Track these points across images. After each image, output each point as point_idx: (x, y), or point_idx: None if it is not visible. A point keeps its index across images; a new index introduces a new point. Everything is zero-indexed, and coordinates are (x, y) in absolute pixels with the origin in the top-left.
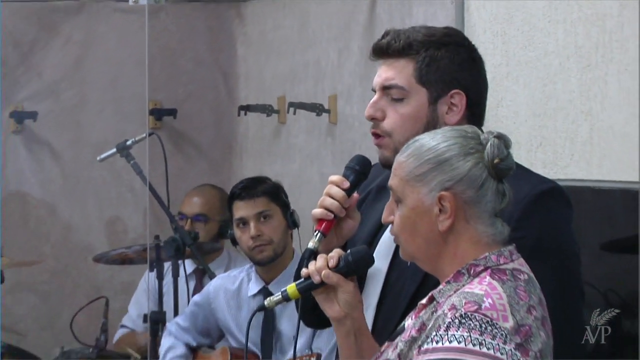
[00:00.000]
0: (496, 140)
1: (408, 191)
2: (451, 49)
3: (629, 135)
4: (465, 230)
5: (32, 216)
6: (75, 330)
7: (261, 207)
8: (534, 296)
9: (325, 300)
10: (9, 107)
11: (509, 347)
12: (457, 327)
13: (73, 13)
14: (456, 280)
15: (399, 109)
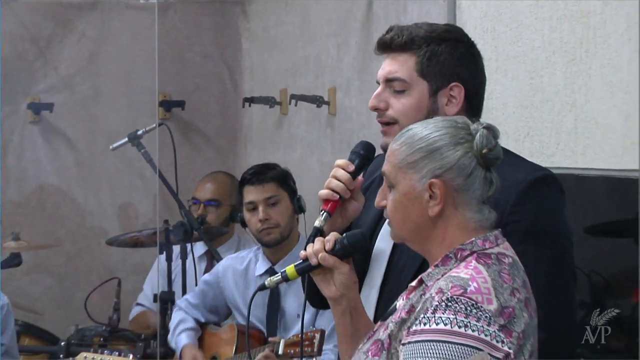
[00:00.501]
0: (485, 131)
1: (400, 177)
2: (451, 45)
3: (611, 126)
4: (454, 216)
5: (49, 202)
6: (89, 309)
7: (270, 192)
8: (518, 279)
9: (322, 281)
10: (27, 99)
11: (493, 329)
12: (444, 310)
13: (87, 10)
14: (444, 264)
15: (401, 100)
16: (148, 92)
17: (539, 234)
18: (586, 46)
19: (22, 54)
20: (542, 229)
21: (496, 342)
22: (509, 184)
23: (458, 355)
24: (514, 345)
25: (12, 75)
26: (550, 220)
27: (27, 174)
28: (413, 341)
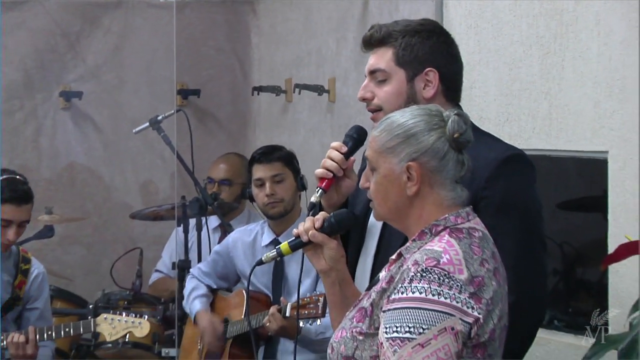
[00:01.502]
0: (456, 117)
1: (381, 161)
2: (424, 35)
3: (582, 112)
4: (430, 195)
5: (78, 180)
6: (114, 276)
7: (276, 170)
8: (487, 250)
9: (313, 255)
10: (59, 88)
11: (464, 296)
12: (419, 280)
13: (112, 8)
14: (420, 239)
15: (383, 88)
16: (167, 81)
17: (510, 206)
18: (559, 40)
19: (54, 48)
20: (513, 202)
21: (466, 308)
22: (483, 162)
23: (432, 320)
24: (483, 310)
25: (45, 66)
26: (520, 194)
27: (58, 155)
28: (392, 308)
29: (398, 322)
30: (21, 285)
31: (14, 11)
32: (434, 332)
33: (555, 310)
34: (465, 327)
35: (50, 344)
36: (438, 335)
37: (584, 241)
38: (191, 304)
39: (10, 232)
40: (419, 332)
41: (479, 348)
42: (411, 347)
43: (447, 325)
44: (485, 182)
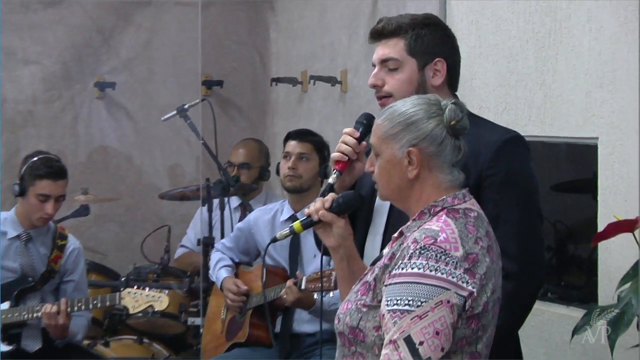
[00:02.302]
0: (453, 106)
1: (384, 147)
2: (432, 28)
3: (574, 101)
4: (429, 178)
5: (112, 163)
6: (145, 251)
7: (304, 149)
8: (482, 229)
9: (323, 233)
10: (94, 79)
11: (459, 272)
12: (418, 257)
13: (143, 6)
14: (420, 218)
15: (395, 76)
16: (193, 73)
17: (512, 182)
18: (554, 36)
19: (90, 42)
20: (515, 179)
21: (461, 282)
22: (485, 144)
23: (429, 294)
24: (477, 285)
25: (81, 59)
26: (520, 171)
27: (93, 140)
28: (393, 283)
29: (398, 296)
30: (57, 259)
31: (54, 8)
32: (431, 304)
33: (548, 283)
34: (460, 300)
35: (86, 314)
36: (435, 308)
37: (575, 220)
38: (217, 272)
39: (48, 206)
40: (418, 305)
41: (473, 319)
42: (410, 319)
43: (443, 298)
44: (489, 162)
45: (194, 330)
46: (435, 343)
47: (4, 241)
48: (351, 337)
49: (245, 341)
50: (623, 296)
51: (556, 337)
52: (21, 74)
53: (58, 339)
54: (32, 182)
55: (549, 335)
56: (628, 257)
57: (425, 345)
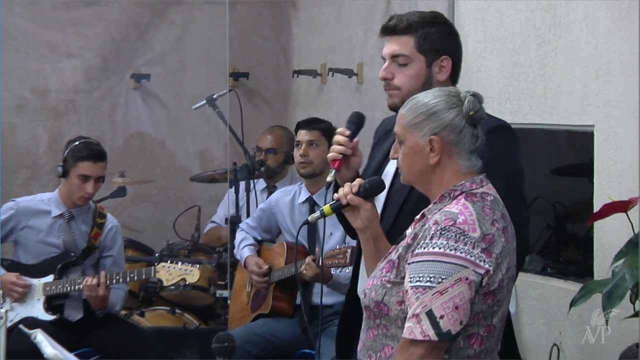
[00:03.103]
0: (472, 97)
1: (408, 135)
2: (439, 27)
3: (572, 92)
4: (449, 164)
5: (147, 148)
6: (177, 229)
7: (313, 137)
8: (497, 212)
9: (351, 216)
10: (130, 71)
11: (477, 251)
12: (439, 237)
13: (176, 4)
14: (440, 202)
15: (404, 71)
16: (221, 65)
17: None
18: (553, 31)
19: (126, 37)
20: (497, 163)
21: (479, 261)
22: None
23: (449, 271)
24: (493, 263)
25: (119, 53)
26: (503, 156)
27: (130, 127)
28: (415, 261)
29: (421, 273)
30: (96, 236)
31: (94, 6)
32: (451, 281)
33: (548, 259)
34: (478, 277)
35: (123, 286)
36: (454, 284)
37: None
38: (241, 251)
39: (88, 186)
40: (438, 282)
41: (489, 295)
42: (431, 294)
43: (462, 275)
44: None
45: (221, 301)
46: (455, 317)
47: (49, 219)
48: (376, 311)
49: (269, 312)
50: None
51: (555, 308)
52: (64, 66)
53: (98, 310)
54: (74, 164)
55: (548, 307)
56: (622, 235)
57: (446, 319)
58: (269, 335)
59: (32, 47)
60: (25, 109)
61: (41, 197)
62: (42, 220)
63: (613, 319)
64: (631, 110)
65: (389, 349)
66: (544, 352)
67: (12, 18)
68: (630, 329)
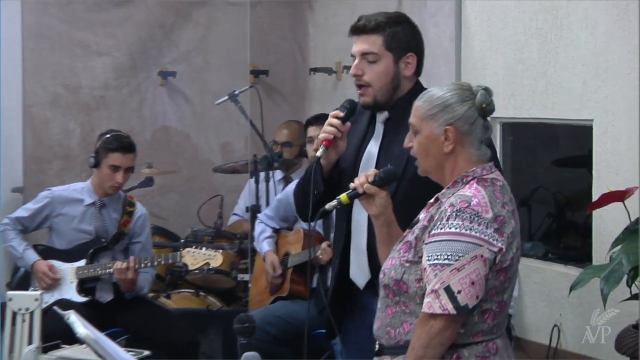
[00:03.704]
0: (483, 91)
1: (423, 125)
2: (404, 26)
3: (572, 88)
4: (462, 152)
5: (173, 141)
6: (201, 216)
7: None
8: (506, 196)
9: (366, 203)
10: (157, 69)
11: (490, 231)
12: (454, 218)
13: (200, 5)
14: (454, 186)
15: (374, 68)
16: (242, 63)
17: None
18: (555, 31)
19: (153, 37)
20: None
21: (492, 240)
22: None
23: (465, 249)
24: (505, 242)
25: (146, 51)
26: None
27: (157, 121)
28: (433, 241)
29: (438, 252)
30: (126, 223)
31: (123, 7)
32: (467, 259)
33: (549, 245)
34: (492, 255)
35: (151, 270)
36: (470, 261)
37: (573, 191)
38: (261, 244)
39: (118, 175)
40: (456, 259)
41: (501, 272)
42: (449, 271)
43: (477, 253)
44: None
45: (242, 285)
46: (471, 292)
47: (81, 207)
48: (395, 289)
49: (287, 295)
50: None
51: (555, 292)
52: (95, 64)
53: (127, 292)
54: (105, 155)
55: (549, 290)
56: (619, 223)
57: (463, 294)
58: (287, 317)
59: (65, 46)
60: (58, 104)
61: (74, 187)
62: (75, 208)
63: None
64: (629, 106)
65: (408, 324)
66: (545, 333)
67: (46, 19)
68: (627, 311)
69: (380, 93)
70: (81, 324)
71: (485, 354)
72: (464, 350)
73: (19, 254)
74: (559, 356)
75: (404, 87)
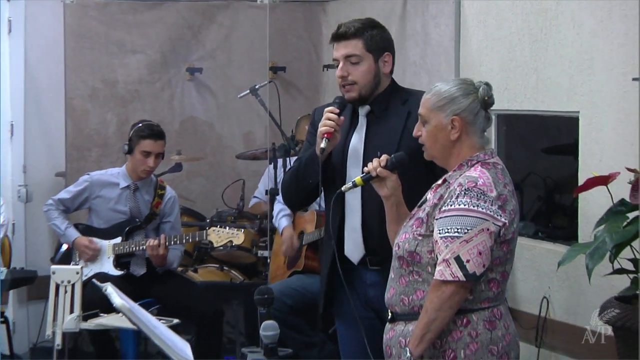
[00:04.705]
0: (485, 86)
1: (432, 116)
2: (379, 30)
3: (560, 84)
4: (466, 140)
5: (199, 130)
6: (224, 199)
7: None
8: (507, 178)
9: (379, 185)
10: (186, 65)
11: (494, 208)
12: (463, 196)
13: (224, 8)
14: (459, 169)
15: (358, 68)
16: (262, 61)
17: None
18: (545, 31)
19: (182, 36)
20: None
21: (497, 216)
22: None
23: (473, 224)
24: (508, 217)
25: (175, 50)
26: None
27: (185, 112)
28: (444, 216)
29: (449, 225)
30: (157, 205)
31: (155, 10)
32: (475, 232)
33: (539, 225)
34: (497, 228)
35: (180, 247)
36: (478, 234)
37: (561, 176)
38: (279, 220)
39: (150, 160)
40: (465, 232)
41: (504, 244)
42: (459, 242)
43: (484, 227)
44: None
45: (262, 260)
46: (479, 261)
47: (117, 190)
48: (409, 260)
49: (302, 269)
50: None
51: (545, 267)
52: (129, 61)
53: (158, 266)
54: (138, 142)
55: (539, 266)
56: (602, 205)
57: (471, 262)
58: (302, 289)
59: (103, 45)
60: (97, 97)
61: (111, 172)
62: (112, 190)
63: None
64: (611, 99)
65: (421, 292)
66: (535, 304)
67: (86, 20)
68: (609, 284)
69: (365, 89)
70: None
71: (491, 318)
72: (473, 315)
73: (62, 232)
74: (547, 325)
75: (383, 83)
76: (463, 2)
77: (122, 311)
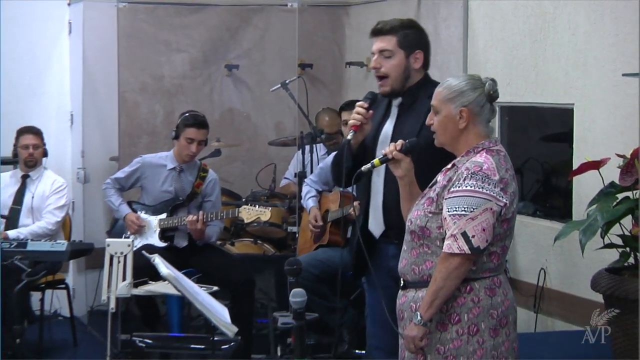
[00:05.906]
0: (491, 81)
1: (443, 107)
2: (414, 30)
3: (557, 78)
4: (473, 129)
5: (236, 119)
6: (258, 180)
7: None
8: (508, 163)
9: (394, 167)
10: (224, 62)
11: (497, 189)
12: (470, 179)
13: (258, 12)
14: (467, 155)
15: (390, 62)
16: (292, 58)
17: None
18: (544, 32)
19: (221, 37)
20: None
21: (499, 197)
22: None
23: (479, 203)
24: (508, 199)
25: (215, 49)
26: None
27: (224, 104)
28: (452, 196)
29: (457, 205)
30: (199, 185)
31: (197, 13)
32: (480, 210)
33: (537, 205)
34: (499, 208)
35: (219, 223)
36: (482, 213)
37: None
38: (307, 201)
39: (193, 146)
40: (471, 211)
41: (505, 222)
42: (465, 220)
43: (488, 206)
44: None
45: (292, 235)
46: (483, 236)
47: (165, 171)
48: (420, 234)
49: (327, 243)
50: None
51: (542, 242)
52: (175, 59)
53: (198, 240)
54: (183, 129)
55: (537, 240)
56: (594, 187)
57: (476, 238)
58: (327, 261)
59: (151, 44)
60: (146, 90)
61: (160, 155)
62: (160, 171)
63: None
64: (603, 93)
65: (430, 262)
66: (534, 274)
67: (137, 23)
68: (600, 257)
69: (396, 82)
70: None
71: (491, 286)
72: (475, 283)
73: (116, 207)
74: (544, 293)
75: (414, 77)
76: (471, 5)
77: (168, 279)
